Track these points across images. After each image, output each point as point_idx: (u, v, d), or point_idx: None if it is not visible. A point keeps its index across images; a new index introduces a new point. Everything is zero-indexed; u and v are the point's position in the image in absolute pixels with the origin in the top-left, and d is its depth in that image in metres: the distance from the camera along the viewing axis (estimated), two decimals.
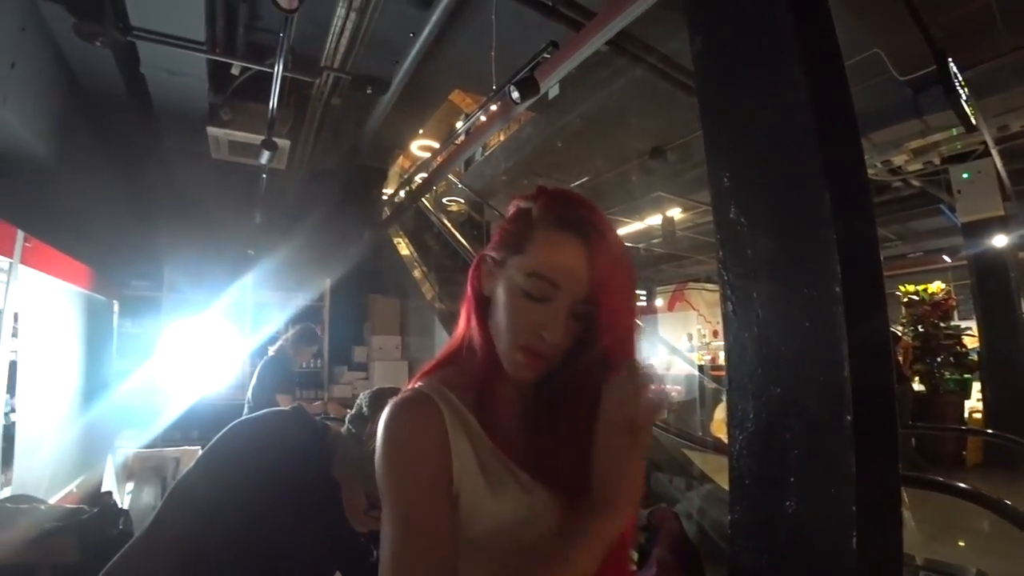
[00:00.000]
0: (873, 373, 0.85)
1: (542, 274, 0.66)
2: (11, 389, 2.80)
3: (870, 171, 5.04)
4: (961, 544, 3.34)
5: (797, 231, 0.92)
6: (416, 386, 0.71)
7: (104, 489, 3.33)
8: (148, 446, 3.85)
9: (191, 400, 4.52)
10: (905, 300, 6.03)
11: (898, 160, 4.99)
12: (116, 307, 4.76)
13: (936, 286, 6.03)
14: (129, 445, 3.71)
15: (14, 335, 2.88)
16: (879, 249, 0.93)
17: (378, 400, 1.02)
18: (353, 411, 1.04)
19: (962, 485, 1.74)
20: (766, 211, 0.97)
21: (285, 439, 0.95)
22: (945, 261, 8.12)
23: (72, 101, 4.23)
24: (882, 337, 0.88)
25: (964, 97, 3.13)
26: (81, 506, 1.46)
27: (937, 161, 5.08)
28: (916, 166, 5.14)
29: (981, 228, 5.25)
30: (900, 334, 5.84)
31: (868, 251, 0.90)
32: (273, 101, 3.88)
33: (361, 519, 0.99)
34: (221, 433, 0.94)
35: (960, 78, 3.15)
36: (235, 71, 4.01)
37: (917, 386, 5.78)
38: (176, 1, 3.09)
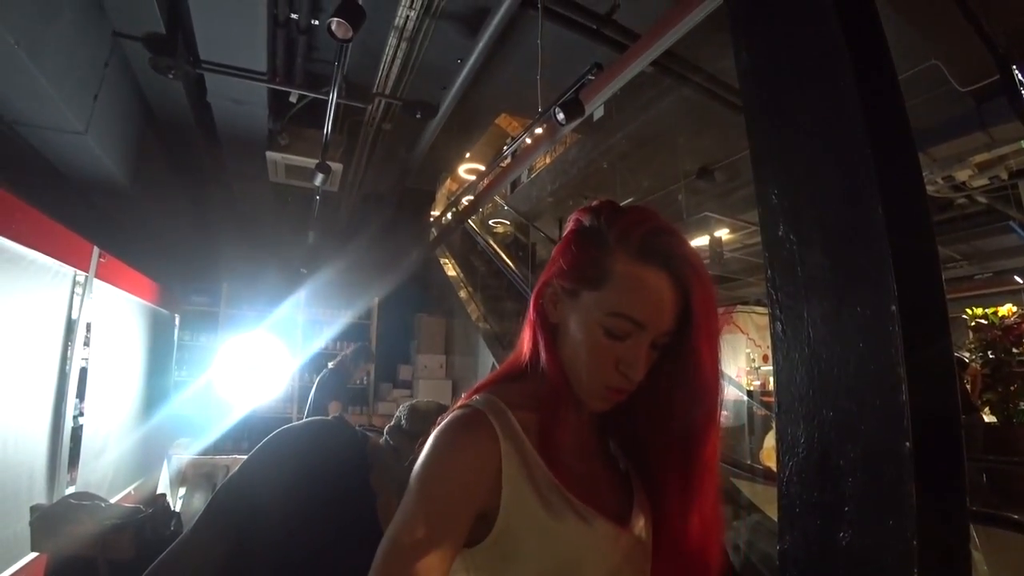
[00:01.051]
0: (935, 397, 0.80)
1: (626, 315, 0.63)
2: (80, 394, 2.99)
3: (931, 187, 4.77)
4: None
5: (850, 247, 0.88)
6: (473, 399, 0.68)
7: (159, 492, 3.48)
8: (201, 454, 4.01)
9: (243, 412, 4.70)
10: (972, 324, 5.62)
11: (961, 175, 4.71)
12: (177, 320, 5.02)
13: (1007, 308, 5.60)
14: (183, 452, 3.87)
15: (86, 344, 3.08)
16: (939, 264, 0.88)
17: (415, 413, 1.03)
18: (392, 423, 1.05)
19: None
20: (816, 227, 0.93)
21: (327, 446, 0.97)
22: (1017, 283, 7.56)
23: (147, 129, 4.56)
24: (945, 358, 0.83)
25: None
26: (138, 506, 1.53)
27: (1004, 175, 4.77)
28: (981, 181, 4.83)
29: None
30: (968, 360, 5.44)
31: (927, 267, 0.85)
32: (327, 126, 4.06)
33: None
34: (266, 439, 0.97)
35: None
36: (293, 99, 4.23)
37: (988, 417, 5.35)
38: (241, 35, 3.30)
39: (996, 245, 6.95)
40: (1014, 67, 2.82)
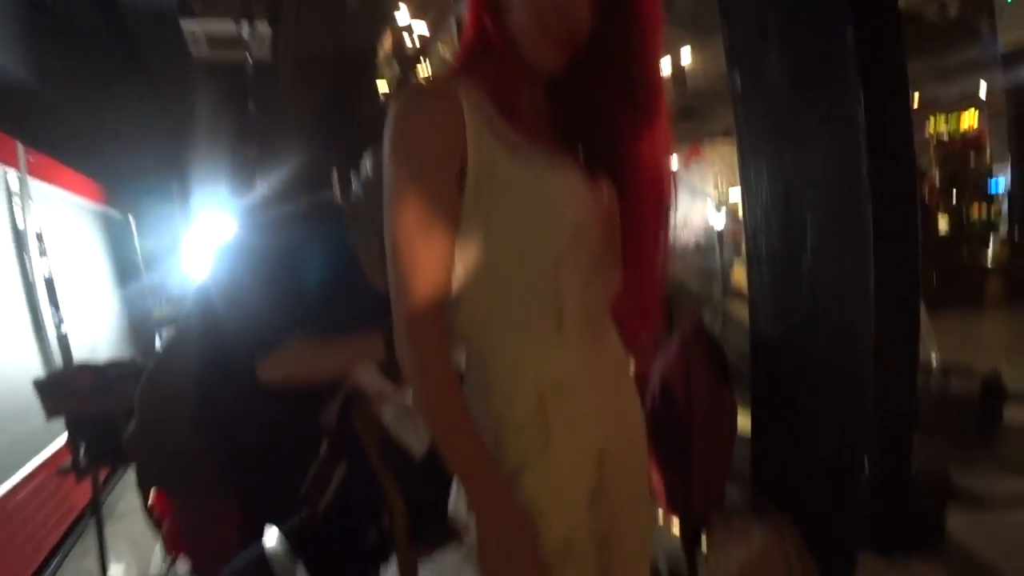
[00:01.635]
0: (895, 143, 0.81)
1: None
2: (54, 303, 2.94)
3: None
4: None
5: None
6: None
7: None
8: None
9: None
10: (935, 144, 5.69)
11: None
12: (133, 223, 4.83)
13: (970, 113, 5.63)
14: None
15: (42, 254, 2.97)
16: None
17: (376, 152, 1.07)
18: (360, 177, 1.06)
19: None
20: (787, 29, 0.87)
21: (307, 224, 1.05)
22: (980, 98, 7.50)
23: (34, 17, 3.97)
24: (904, 114, 0.83)
25: None
26: (135, 360, 1.58)
27: None
28: None
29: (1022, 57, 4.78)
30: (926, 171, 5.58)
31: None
32: None
33: (378, 268, 1.03)
34: (239, 245, 1.06)
35: None
36: None
37: (943, 227, 5.63)
38: None
39: (962, 58, 6.74)
40: None
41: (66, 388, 1.38)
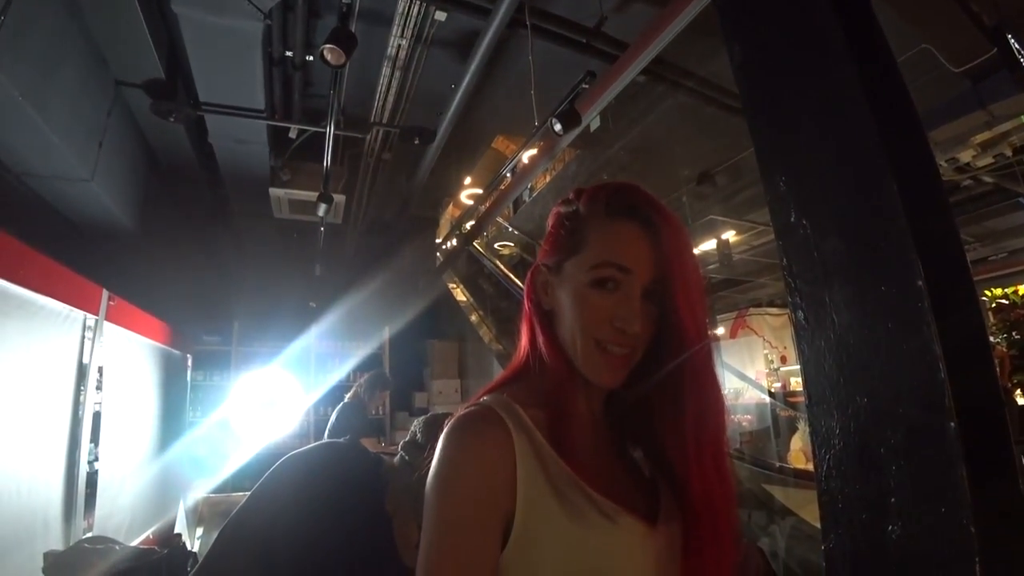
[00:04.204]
0: (974, 373, 0.76)
1: (608, 261, 0.64)
2: (95, 438, 2.97)
3: None
4: None
5: (866, 227, 0.85)
6: (482, 400, 0.65)
7: (175, 532, 3.43)
8: (217, 491, 3.96)
9: (258, 447, 4.65)
10: (993, 306, 5.50)
11: (965, 157, 4.68)
12: (189, 361, 5.03)
13: None
14: (200, 491, 3.83)
15: (98, 388, 3.08)
16: (959, 236, 0.85)
17: (432, 426, 0.98)
18: (407, 438, 1.00)
19: None
20: (828, 211, 0.91)
21: (338, 471, 0.93)
22: None
23: (151, 173, 4.64)
24: (978, 331, 0.79)
25: None
26: (152, 548, 1.49)
27: (1008, 152, 4.73)
28: (986, 160, 4.79)
29: None
30: (993, 343, 5.31)
31: (949, 240, 0.82)
32: (327, 158, 4.10)
33: (413, 554, 0.94)
34: (274, 466, 0.93)
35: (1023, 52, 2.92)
36: (292, 135, 4.29)
37: (1020, 399, 5.21)
38: (238, 76, 3.36)
39: (1007, 224, 6.84)
40: (1009, 36, 2.78)
41: (73, 572, 1.31)
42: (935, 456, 0.70)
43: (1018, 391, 5.21)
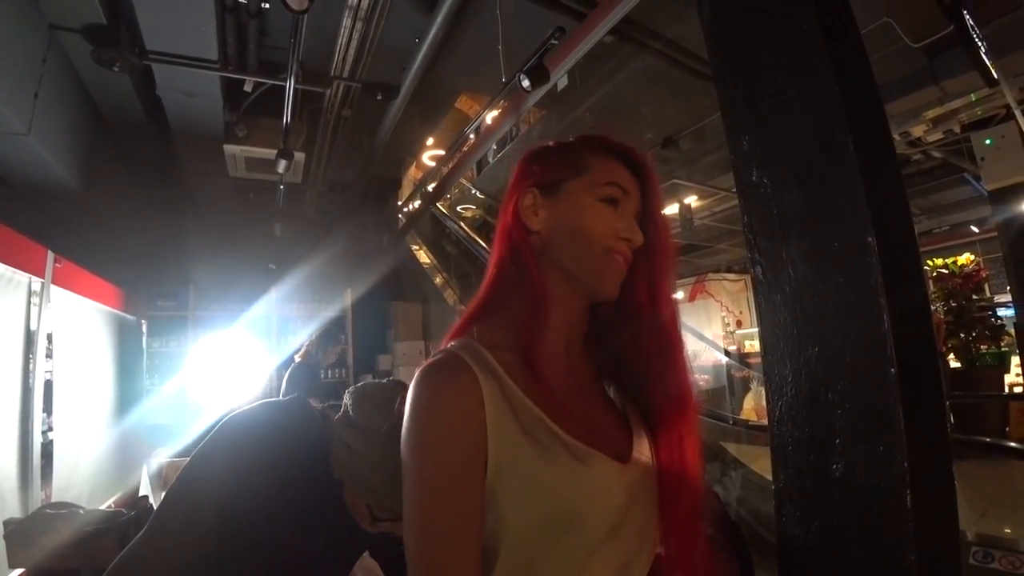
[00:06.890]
0: (914, 325, 0.81)
1: (616, 182, 0.71)
2: (48, 408, 2.88)
3: None
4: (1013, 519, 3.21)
5: (823, 185, 0.89)
6: (449, 347, 0.66)
7: (140, 495, 3.39)
8: (181, 455, 3.91)
9: (219, 413, 4.59)
10: (934, 275, 5.82)
11: (917, 131, 4.85)
12: (144, 326, 4.87)
13: (966, 257, 5.83)
14: (162, 456, 3.78)
15: (48, 356, 2.96)
16: (907, 200, 0.89)
17: (365, 401, 0.93)
18: (340, 414, 0.94)
19: (1012, 444, 1.66)
20: (790, 168, 0.94)
21: (281, 430, 0.91)
22: (973, 232, 7.85)
23: (95, 128, 4.36)
24: (920, 289, 0.85)
25: (983, 49, 2.99)
26: (119, 509, 1.48)
27: (958, 129, 4.92)
28: (936, 136, 4.98)
29: (1009, 195, 5.04)
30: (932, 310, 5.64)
31: (898, 202, 0.87)
32: (287, 113, 3.93)
33: (365, 522, 0.91)
34: (217, 427, 0.89)
35: (979, 32, 3.01)
36: (248, 88, 4.07)
37: (953, 363, 5.57)
38: (188, 23, 3.15)
39: (951, 198, 7.20)
40: (965, 12, 2.86)
41: (35, 538, 1.27)
42: (877, 400, 0.76)
43: (952, 355, 5.57)
